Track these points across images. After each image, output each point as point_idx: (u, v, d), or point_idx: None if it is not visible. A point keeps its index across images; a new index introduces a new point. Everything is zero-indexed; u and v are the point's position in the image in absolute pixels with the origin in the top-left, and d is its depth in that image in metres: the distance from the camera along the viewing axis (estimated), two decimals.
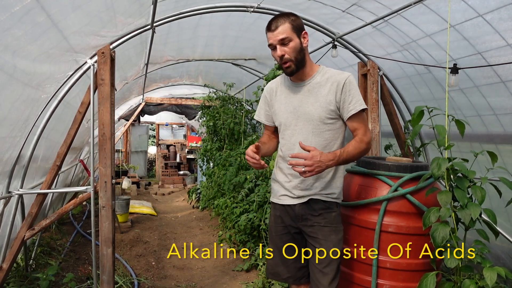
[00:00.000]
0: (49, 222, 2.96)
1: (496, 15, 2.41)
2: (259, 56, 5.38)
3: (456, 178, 2.09)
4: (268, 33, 1.89)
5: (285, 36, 1.85)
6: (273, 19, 1.90)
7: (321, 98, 1.94)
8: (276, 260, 2.12)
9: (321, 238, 1.96)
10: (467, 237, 2.10)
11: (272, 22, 1.88)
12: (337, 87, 1.91)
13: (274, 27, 1.86)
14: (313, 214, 1.98)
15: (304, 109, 1.96)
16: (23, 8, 1.78)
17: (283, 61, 1.88)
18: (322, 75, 1.97)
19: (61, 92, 2.93)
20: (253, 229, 4.13)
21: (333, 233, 1.97)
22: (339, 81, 1.92)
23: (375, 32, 3.37)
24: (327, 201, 1.98)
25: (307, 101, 1.96)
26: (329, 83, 1.94)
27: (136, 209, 6.59)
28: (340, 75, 1.94)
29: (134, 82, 5.98)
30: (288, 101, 2.01)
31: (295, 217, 2.02)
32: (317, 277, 1.95)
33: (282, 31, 1.85)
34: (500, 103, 2.81)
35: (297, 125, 1.98)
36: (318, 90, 1.95)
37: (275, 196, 2.10)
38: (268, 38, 1.89)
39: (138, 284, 3.59)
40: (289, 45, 1.86)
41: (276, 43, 1.87)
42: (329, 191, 1.97)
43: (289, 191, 2.01)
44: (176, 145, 12.84)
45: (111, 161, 2.73)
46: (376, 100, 3.54)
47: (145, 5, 2.86)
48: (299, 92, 1.99)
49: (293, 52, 1.87)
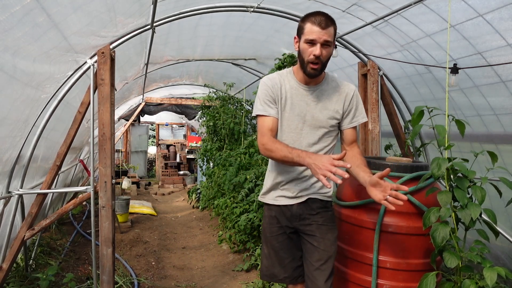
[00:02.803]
0: (49, 222, 2.96)
1: (496, 15, 2.41)
2: (259, 56, 5.38)
3: (456, 178, 2.09)
4: (314, 27, 1.77)
5: (330, 39, 1.80)
6: (321, 15, 1.79)
7: (330, 106, 1.97)
8: (271, 261, 2.10)
9: (319, 236, 1.99)
10: (467, 237, 2.09)
11: (322, 19, 1.77)
12: (346, 97, 1.99)
13: (325, 25, 1.77)
14: (311, 213, 2.01)
15: (313, 115, 1.96)
16: (23, 8, 1.78)
17: (316, 61, 1.81)
18: (328, 83, 2.00)
19: (61, 92, 2.93)
20: (253, 229, 4.14)
21: (330, 231, 2.01)
22: (348, 93, 2.00)
23: (375, 32, 3.37)
24: (323, 200, 2.03)
25: (316, 107, 1.96)
26: (337, 93, 1.99)
27: (136, 209, 6.59)
28: (348, 86, 2.02)
29: (134, 82, 5.98)
30: (295, 102, 1.96)
31: (292, 217, 2.03)
32: (314, 275, 1.97)
33: (330, 33, 1.79)
34: (500, 103, 2.81)
35: (303, 129, 1.97)
36: (327, 98, 1.98)
37: (270, 197, 2.09)
38: (312, 32, 1.78)
39: (138, 284, 3.59)
40: (327, 49, 1.82)
41: (320, 41, 1.78)
42: (325, 189, 2.02)
43: (287, 191, 2.02)
44: (176, 145, 12.84)
45: (111, 161, 2.72)
46: (376, 100, 3.54)
47: (145, 5, 2.86)
48: (307, 96, 1.97)
49: (327, 57, 1.84)
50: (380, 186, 1.70)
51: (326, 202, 2.05)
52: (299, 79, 1.97)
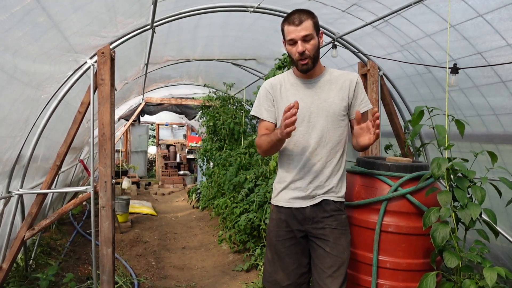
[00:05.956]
0: (49, 222, 2.96)
1: (496, 15, 2.41)
2: (259, 56, 5.38)
3: (456, 178, 2.09)
4: (290, 27, 1.83)
5: (309, 32, 1.82)
6: (295, 13, 1.84)
7: (334, 94, 1.95)
8: (275, 267, 2.02)
9: (332, 241, 1.91)
10: (467, 237, 2.10)
11: (295, 17, 1.82)
12: (350, 84, 1.97)
13: (298, 21, 1.81)
14: (324, 215, 1.94)
15: (318, 105, 1.94)
16: (23, 8, 1.78)
17: (303, 57, 1.85)
18: (330, 74, 2.00)
19: (61, 92, 2.93)
20: (253, 229, 4.14)
21: (343, 236, 1.94)
22: (351, 79, 1.98)
23: (375, 32, 3.37)
24: (337, 201, 1.97)
25: (320, 97, 1.95)
26: (341, 80, 1.97)
27: (136, 209, 6.59)
28: (351, 74, 2.00)
29: (134, 82, 5.98)
30: (298, 98, 1.93)
31: (304, 220, 1.96)
32: (326, 282, 1.88)
33: (306, 27, 1.81)
34: (500, 103, 2.81)
35: (310, 121, 1.94)
36: (330, 87, 1.96)
37: (283, 199, 2.01)
38: (289, 32, 1.84)
39: (138, 284, 3.59)
40: (310, 42, 1.84)
41: (298, 39, 1.82)
42: (338, 189, 1.98)
43: (299, 190, 1.95)
44: (176, 145, 12.84)
45: (111, 161, 2.73)
46: (376, 100, 3.55)
47: (145, 5, 2.86)
48: (309, 89, 1.97)
49: (313, 49, 1.86)
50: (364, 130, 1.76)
51: (340, 204, 1.98)
52: (299, 75, 2.00)
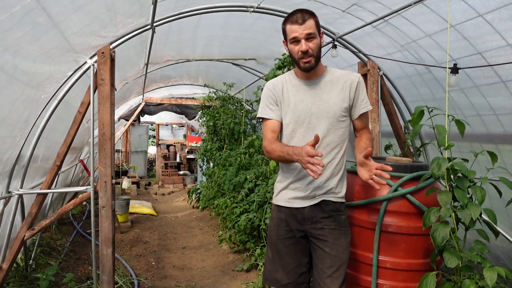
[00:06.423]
0: (49, 222, 2.96)
1: (496, 15, 2.41)
2: (259, 56, 5.38)
3: (456, 178, 2.09)
4: (293, 26, 1.84)
5: (312, 31, 1.83)
6: (297, 12, 1.85)
7: (335, 95, 1.95)
8: (275, 266, 2.04)
9: (331, 241, 1.92)
10: (467, 237, 2.10)
11: (298, 16, 1.83)
12: (351, 85, 1.96)
13: (302, 20, 1.82)
14: (323, 216, 1.95)
15: (319, 106, 1.94)
16: (23, 8, 1.78)
17: (307, 55, 1.85)
18: (331, 74, 1.99)
19: (61, 92, 2.93)
20: (253, 229, 4.13)
21: (342, 236, 1.95)
22: (353, 80, 1.97)
23: (375, 32, 3.37)
24: (336, 202, 1.97)
25: (321, 98, 1.95)
26: (342, 81, 1.97)
27: (136, 209, 6.59)
28: (352, 74, 2.00)
29: (134, 82, 5.98)
30: (299, 99, 1.96)
31: (303, 220, 1.97)
32: (326, 282, 1.89)
33: (309, 26, 1.82)
34: (500, 103, 2.81)
35: (311, 122, 1.94)
36: (331, 87, 1.96)
37: (283, 199, 2.02)
38: (292, 31, 1.85)
39: (138, 284, 3.59)
40: (313, 41, 1.85)
41: (302, 37, 1.83)
42: (338, 189, 1.98)
43: (299, 191, 1.96)
44: (176, 145, 12.84)
45: (111, 161, 2.73)
46: (376, 100, 3.55)
47: (145, 5, 2.86)
48: (310, 90, 1.97)
49: (316, 48, 1.87)
50: (367, 166, 1.76)
51: (339, 204, 1.98)
52: (300, 77, 2.00)
